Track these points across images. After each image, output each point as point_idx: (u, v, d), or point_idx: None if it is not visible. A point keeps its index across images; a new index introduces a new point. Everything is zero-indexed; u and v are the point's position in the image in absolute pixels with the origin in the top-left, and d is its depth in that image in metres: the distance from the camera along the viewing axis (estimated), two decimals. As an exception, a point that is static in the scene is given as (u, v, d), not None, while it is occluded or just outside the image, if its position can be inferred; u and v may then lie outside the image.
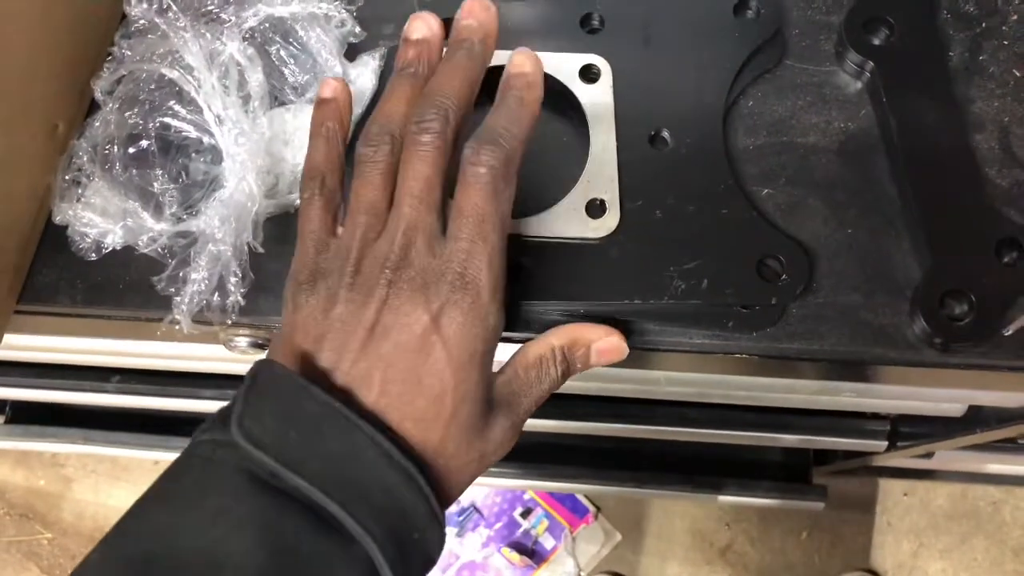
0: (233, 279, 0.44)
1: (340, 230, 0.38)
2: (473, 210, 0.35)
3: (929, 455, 0.92)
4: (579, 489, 1.31)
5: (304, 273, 0.37)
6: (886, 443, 0.86)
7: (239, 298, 0.45)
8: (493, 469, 1.12)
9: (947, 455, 0.95)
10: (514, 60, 0.39)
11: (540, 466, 1.15)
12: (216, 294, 0.44)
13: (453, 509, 1.40)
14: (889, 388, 0.59)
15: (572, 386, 0.69)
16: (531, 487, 1.36)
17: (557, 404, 0.88)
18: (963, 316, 0.45)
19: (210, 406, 0.84)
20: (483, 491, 1.41)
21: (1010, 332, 0.45)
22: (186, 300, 0.44)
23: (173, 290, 0.45)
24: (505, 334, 0.48)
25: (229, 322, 0.46)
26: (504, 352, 0.44)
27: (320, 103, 0.40)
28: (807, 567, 1.35)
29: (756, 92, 0.51)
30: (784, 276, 0.45)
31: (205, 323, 0.46)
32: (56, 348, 0.65)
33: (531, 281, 0.46)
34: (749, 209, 0.47)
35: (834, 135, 0.50)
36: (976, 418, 0.72)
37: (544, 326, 0.43)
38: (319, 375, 0.34)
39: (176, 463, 0.33)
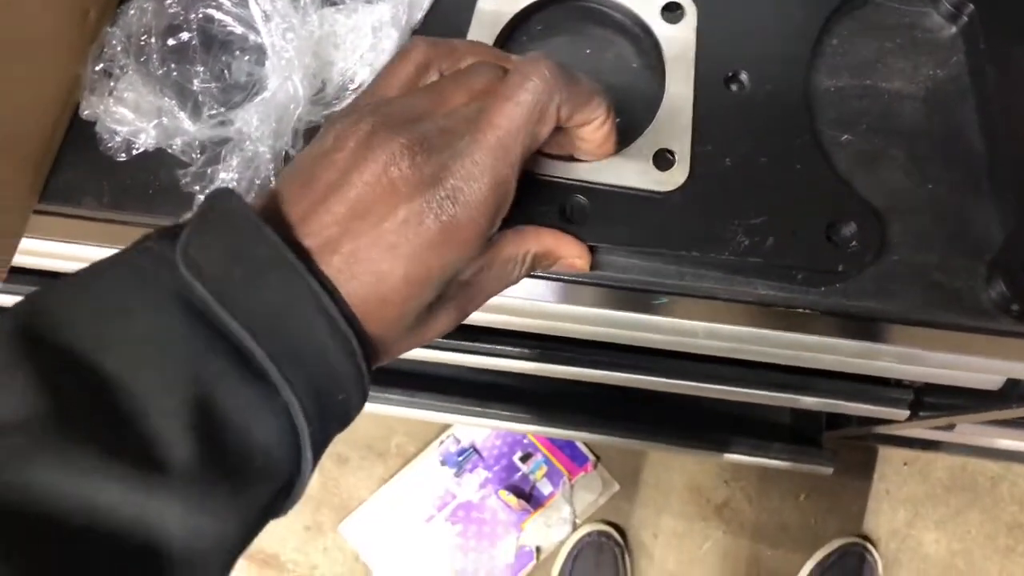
0: (265, 186, 0.41)
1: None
2: (497, 128, 0.32)
3: (950, 427, 0.91)
4: (582, 437, 1.30)
5: (347, 106, 0.34)
6: (907, 412, 0.85)
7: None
8: (498, 411, 1.10)
9: (963, 428, 0.94)
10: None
11: (543, 411, 1.13)
12: (247, 197, 0.41)
13: (452, 448, 1.39)
14: (937, 356, 0.57)
15: (596, 332, 0.67)
16: (533, 431, 1.35)
17: (571, 350, 0.87)
18: (1046, 284, 0.42)
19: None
20: (484, 432, 1.40)
21: (1093, 304, 0.42)
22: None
23: (197, 188, 0.42)
24: (548, 273, 0.45)
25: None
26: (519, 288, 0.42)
27: None
28: (802, 529, 1.35)
29: (842, 30, 0.47)
30: (854, 243, 0.42)
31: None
32: (77, 257, 0.62)
33: (589, 224, 0.42)
34: (825, 167, 0.43)
35: (921, 82, 0.47)
36: (1011, 393, 0.70)
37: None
38: (285, 221, 0.32)
39: (111, 262, 0.31)
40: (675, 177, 0.43)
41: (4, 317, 0.28)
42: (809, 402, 0.87)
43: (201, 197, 0.41)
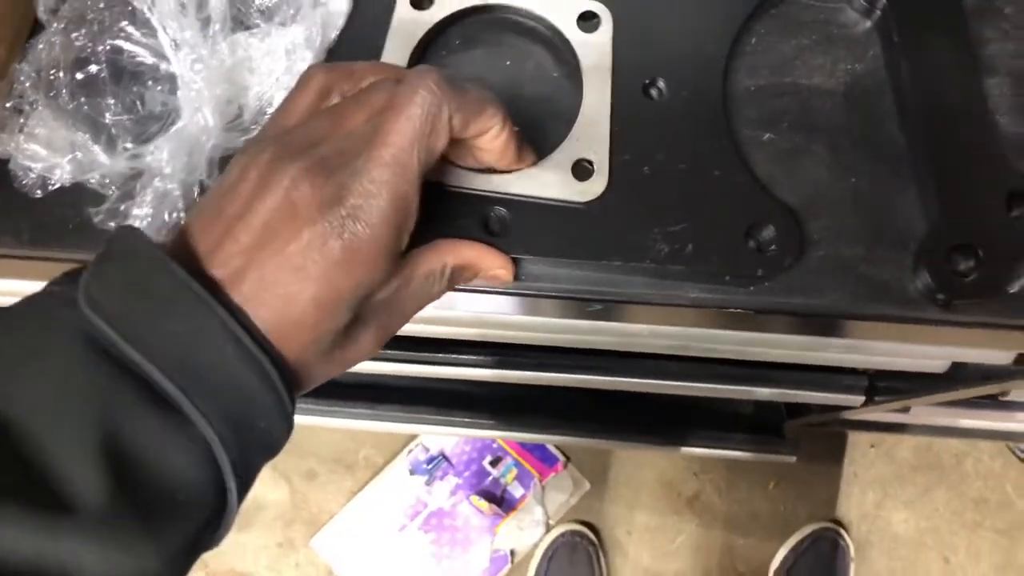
0: (178, 220, 0.40)
1: None
2: (391, 146, 0.32)
3: (905, 410, 0.92)
4: (550, 440, 1.30)
5: (252, 138, 0.35)
6: (863, 398, 0.86)
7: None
8: (464, 419, 1.10)
9: (920, 410, 0.95)
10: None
11: (510, 416, 1.13)
12: (160, 235, 0.41)
13: (421, 457, 1.38)
14: (880, 344, 0.58)
15: (544, 337, 0.67)
16: (501, 437, 1.35)
17: (529, 355, 0.87)
18: (969, 272, 0.43)
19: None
20: (452, 439, 1.40)
21: (1016, 289, 0.43)
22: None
23: (112, 224, 0.41)
24: (484, 284, 0.45)
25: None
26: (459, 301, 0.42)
27: None
28: (773, 517, 1.37)
29: (759, 29, 0.48)
30: (773, 247, 0.42)
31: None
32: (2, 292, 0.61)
33: (512, 235, 0.43)
34: (743, 171, 0.44)
35: (840, 77, 0.47)
36: (958, 375, 0.71)
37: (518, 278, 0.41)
38: (193, 255, 0.32)
39: (14, 310, 0.30)
40: (594, 187, 0.43)
41: None
42: (765, 393, 0.88)
43: None
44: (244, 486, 0.31)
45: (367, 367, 0.84)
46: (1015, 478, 1.38)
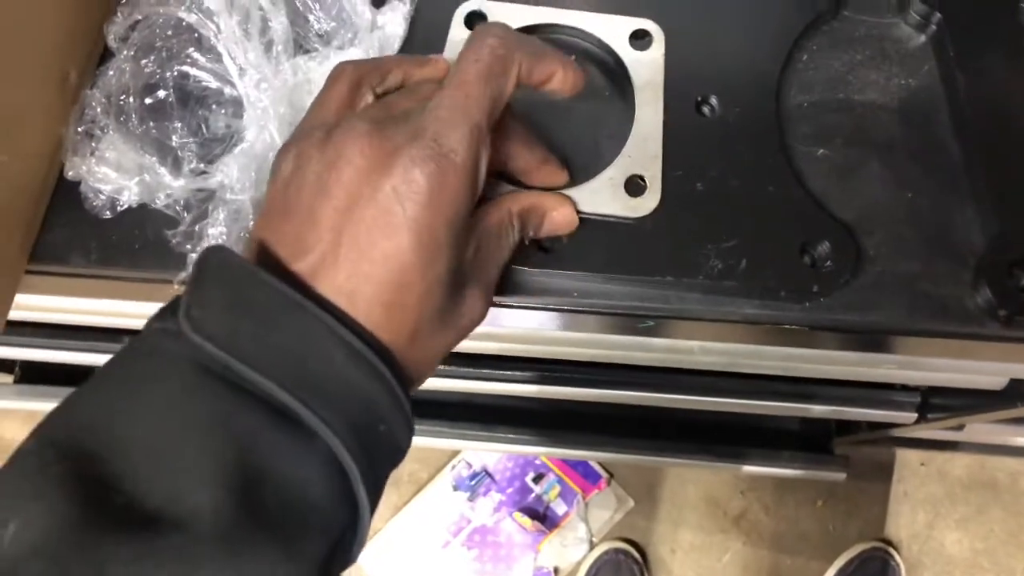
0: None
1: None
2: (461, 85, 0.32)
3: (959, 427, 0.90)
4: (593, 456, 1.29)
5: (288, 139, 0.34)
6: (916, 415, 0.84)
7: (260, 257, 0.42)
8: (507, 435, 1.10)
9: (975, 427, 0.93)
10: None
11: (553, 432, 1.13)
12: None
13: (465, 473, 1.39)
14: (936, 361, 0.57)
15: (591, 353, 0.67)
16: (544, 453, 1.35)
17: (574, 371, 0.87)
18: (1031, 287, 0.42)
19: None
20: (495, 455, 1.40)
21: (1080, 305, 0.42)
22: (204, 258, 0.41)
23: (189, 247, 0.43)
24: (536, 301, 0.45)
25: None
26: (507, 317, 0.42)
27: None
28: (821, 536, 1.34)
29: (811, 45, 0.48)
30: (829, 263, 0.42)
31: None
32: (69, 309, 0.63)
33: (565, 252, 0.43)
34: (797, 186, 0.44)
35: (894, 92, 0.47)
36: (1016, 392, 0.70)
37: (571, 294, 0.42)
38: (277, 260, 0.31)
39: (120, 354, 0.30)
40: (647, 203, 0.43)
41: (29, 437, 0.27)
42: (815, 410, 0.87)
43: (194, 255, 0.41)
44: (374, 496, 0.30)
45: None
46: (1074, 498, 1.35)
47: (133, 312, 0.63)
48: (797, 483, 1.34)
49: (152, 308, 0.60)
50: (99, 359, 0.84)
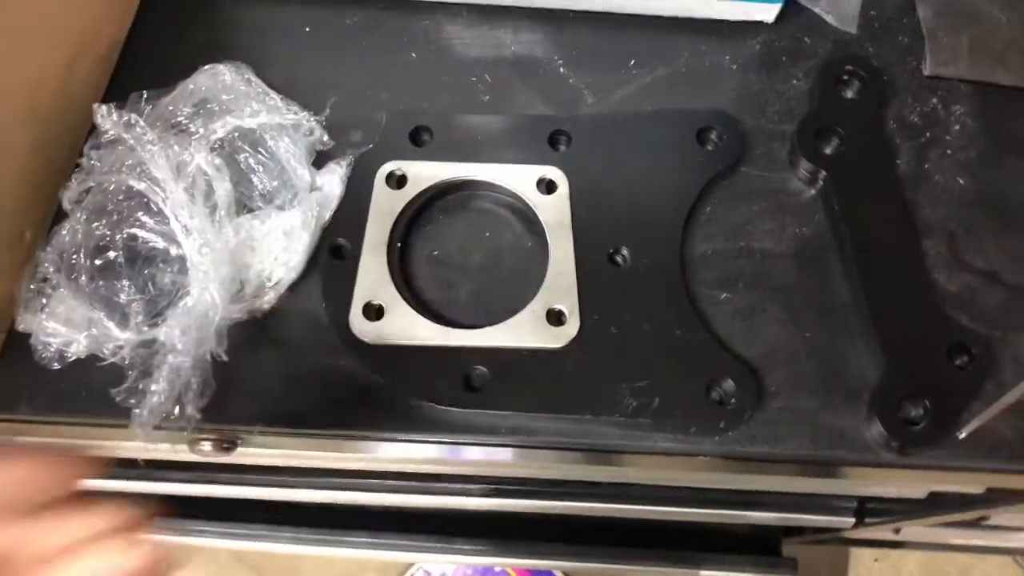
0: (192, 391, 0.44)
1: None
2: None
3: (897, 531, 0.93)
4: (554, 566, 1.29)
5: None
6: (853, 520, 0.87)
7: (196, 412, 0.44)
8: (465, 546, 1.11)
9: (913, 528, 0.96)
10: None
11: (511, 542, 1.13)
12: (176, 406, 0.44)
13: (424, 582, 1.37)
14: (850, 482, 0.60)
15: (536, 473, 0.70)
16: (503, 564, 1.34)
17: (524, 485, 0.88)
18: (919, 420, 0.46)
19: (169, 488, 0.83)
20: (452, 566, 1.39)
21: (964, 435, 0.46)
22: (145, 412, 0.44)
23: (133, 401, 0.45)
24: (467, 438, 0.48)
25: (190, 434, 0.45)
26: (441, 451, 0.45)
27: None
28: (781, 637, 1.34)
29: (713, 198, 0.53)
30: (734, 400, 0.46)
31: (166, 431, 0.46)
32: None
33: (492, 391, 0.46)
34: (702, 331, 0.48)
35: (789, 240, 0.51)
36: (939, 500, 0.73)
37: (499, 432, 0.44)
38: None
39: None
40: (567, 331, 0.47)
41: None
42: (760, 517, 0.89)
43: (137, 411, 0.44)
44: None
45: (365, 498, 0.86)
46: (1024, 591, 1.36)
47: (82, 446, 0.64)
48: (754, 584, 1.35)
49: (100, 444, 0.61)
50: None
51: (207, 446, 0.50)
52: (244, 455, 0.52)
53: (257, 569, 1.28)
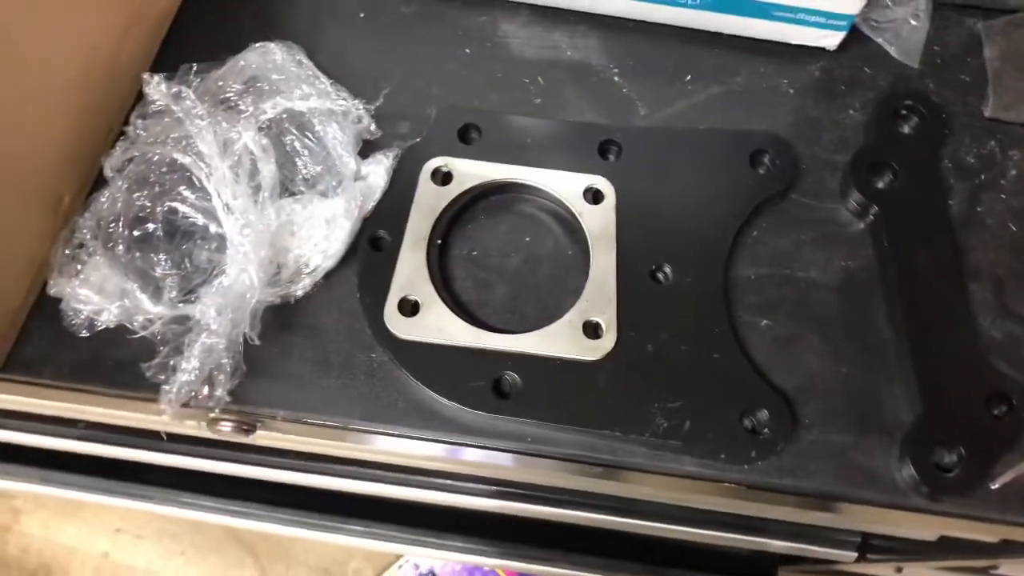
0: (223, 374, 0.43)
1: None
2: None
3: (898, 570, 0.92)
4: (547, 572, 1.29)
5: None
6: (855, 554, 0.86)
7: (226, 393, 0.44)
8: (458, 543, 1.11)
9: (914, 570, 0.95)
10: None
11: (505, 544, 1.13)
12: (205, 386, 0.44)
13: (411, 574, 1.37)
14: (862, 519, 0.59)
15: (549, 481, 0.69)
16: (495, 565, 1.33)
17: (533, 490, 0.88)
18: (952, 467, 0.45)
19: (176, 460, 0.82)
20: (441, 561, 1.38)
21: (997, 485, 0.45)
22: (174, 390, 0.43)
23: (162, 378, 0.44)
24: (493, 443, 0.47)
25: (213, 414, 0.45)
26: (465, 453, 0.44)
27: None
28: (765, 663, 1.33)
29: (761, 222, 0.52)
30: (767, 430, 0.45)
31: (192, 410, 0.45)
32: (32, 404, 0.63)
33: (521, 398, 0.46)
34: (740, 357, 0.47)
35: (835, 272, 0.51)
36: (948, 545, 0.72)
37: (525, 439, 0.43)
38: None
39: None
40: (603, 344, 0.46)
41: None
42: (759, 542, 0.89)
43: (167, 387, 0.43)
44: None
45: (361, 487, 0.86)
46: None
47: (96, 414, 0.64)
48: (743, 607, 1.34)
49: (117, 414, 0.61)
50: (49, 442, 0.84)
51: (227, 427, 0.49)
52: (259, 438, 0.52)
53: (250, 547, 1.27)
